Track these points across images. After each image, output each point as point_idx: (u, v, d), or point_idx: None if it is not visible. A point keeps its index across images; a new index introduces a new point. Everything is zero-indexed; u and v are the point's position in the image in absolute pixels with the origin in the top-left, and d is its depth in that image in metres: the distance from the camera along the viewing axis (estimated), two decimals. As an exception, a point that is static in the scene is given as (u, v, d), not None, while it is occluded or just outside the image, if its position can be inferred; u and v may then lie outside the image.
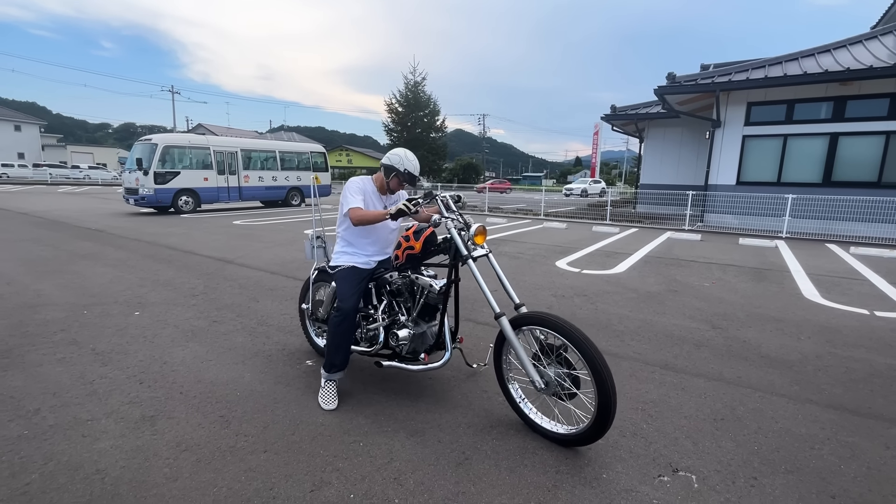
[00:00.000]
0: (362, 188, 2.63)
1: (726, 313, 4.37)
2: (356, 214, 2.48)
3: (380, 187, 2.72)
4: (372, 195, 2.68)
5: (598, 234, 10.29)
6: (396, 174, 2.62)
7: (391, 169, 2.62)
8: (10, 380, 2.75)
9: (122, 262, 6.20)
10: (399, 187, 2.72)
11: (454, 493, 1.85)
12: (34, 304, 4.24)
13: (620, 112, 15.90)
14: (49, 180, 33.34)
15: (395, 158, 2.64)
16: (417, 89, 19.57)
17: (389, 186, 2.69)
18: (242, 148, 15.14)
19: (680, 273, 6.16)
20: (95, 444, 2.12)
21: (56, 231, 9.07)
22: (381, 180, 2.71)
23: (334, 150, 55.34)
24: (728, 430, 2.35)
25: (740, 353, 3.39)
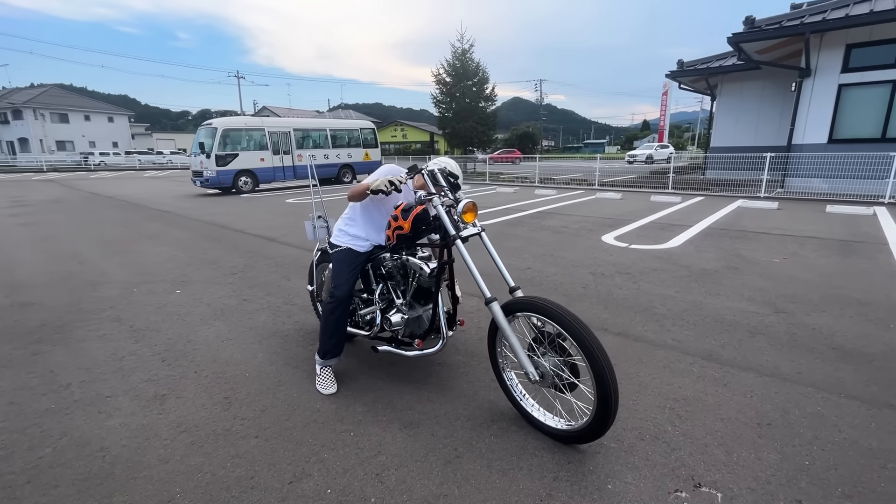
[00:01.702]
0: (388, 171, 2.36)
1: (796, 294, 3.78)
2: (352, 189, 2.33)
3: (417, 187, 2.41)
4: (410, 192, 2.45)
5: (656, 204, 9.44)
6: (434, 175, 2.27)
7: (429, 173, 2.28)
8: (56, 355, 2.98)
9: (178, 242, 6.62)
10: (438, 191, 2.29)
11: (435, 494, 1.70)
12: (95, 283, 4.61)
13: (689, 67, 14.29)
14: (137, 166, 36.86)
15: (442, 163, 2.37)
16: (465, 57, 18.84)
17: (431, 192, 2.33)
18: (295, 128, 15.58)
19: (746, 247, 5.45)
20: (107, 421, 2.22)
21: (132, 213, 9.93)
22: (421, 182, 2.34)
23: (389, 125, 55.70)
24: (774, 438, 1.98)
25: (806, 342, 2.90)
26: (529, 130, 52.49)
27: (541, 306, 1.89)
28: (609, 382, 1.71)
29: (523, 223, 7.53)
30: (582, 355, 1.77)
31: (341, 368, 2.66)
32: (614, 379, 1.74)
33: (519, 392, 2.16)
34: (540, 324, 1.95)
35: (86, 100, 51.95)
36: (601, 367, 1.72)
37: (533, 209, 9.15)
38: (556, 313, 1.82)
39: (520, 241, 6.14)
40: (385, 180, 2.18)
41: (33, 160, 35.82)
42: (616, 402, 1.76)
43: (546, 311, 1.86)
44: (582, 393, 1.90)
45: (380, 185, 2.16)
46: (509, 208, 9.32)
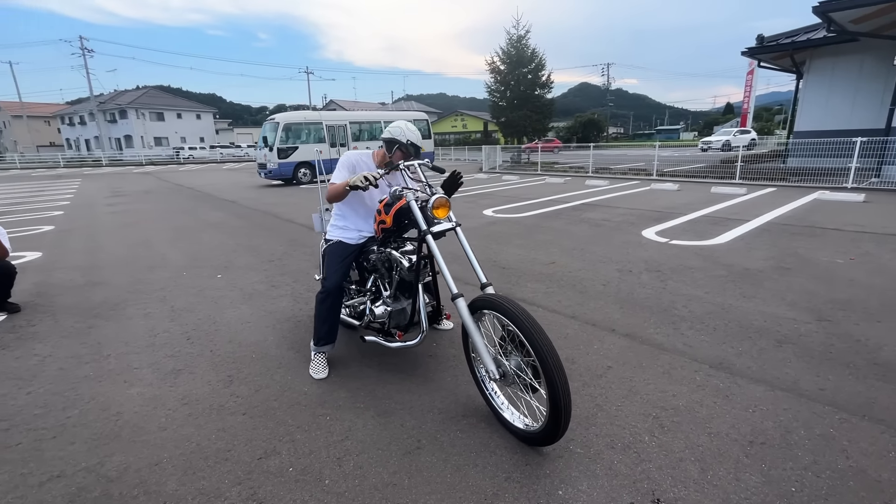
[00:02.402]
0: (353, 163, 2.52)
1: (851, 301, 3.34)
2: (329, 190, 2.41)
3: (379, 162, 2.58)
4: (366, 170, 2.55)
5: (715, 196, 8.68)
6: (399, 146, 2.46)
7: (393, 142, 2.46)
8: (107, 329, 3.40)
9: (233, 230, 7.20)
10: (401, 158, 2.49)
11: (385, 483, 1.76)
12: (155, 266, 5.16)
13: (770, 42, 12.81)
14: (219, 158, 40.27)
15: (397, 130, 2.47)
16: (521, 44, 18.33)
17: (392, 160, 2.51)
18: (351, 121, 16.16)
19: (807, 245, 4.88)
20: (128, 390, 2.51)
21: (202, 202, 10.92)
22: (381, 155, 2.57)
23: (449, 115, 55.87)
24: (764, 459, 1.80)
25: (843, 356, 2.57)
26: (594, 117, 50.10)
27: (498, 304, 1.85)
28: (559, 387, 1.66)
29: (562, 215, 7.28)
30: (535, 358, 1.73)
31: (336, 355, 2.79)
32: (565, 384, 1.68)
33: (490, 389, 2.14)
34: (508, 322, 1.92)
35: (178, 99, 57.46)
36: (552, 372, 1.66)
37: (577, 201, 8.80)
38: (512, 313, 1.78)
39: (552, 233, 5.96)
40: (361, 176, 2.23)
41: (135, 155, 40.40)
42: (567, 409, 1.70)
43: (503, 310, 1.83)
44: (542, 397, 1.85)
45: (356, 180, 2.22)
46: (552, 200, 9.04)
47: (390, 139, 2.48)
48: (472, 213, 7.87)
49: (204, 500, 1.70)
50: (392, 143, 2.48)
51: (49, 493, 1.76)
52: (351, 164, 2.54)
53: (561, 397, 1.66)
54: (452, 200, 2.34)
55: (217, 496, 1.72)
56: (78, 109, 52.53)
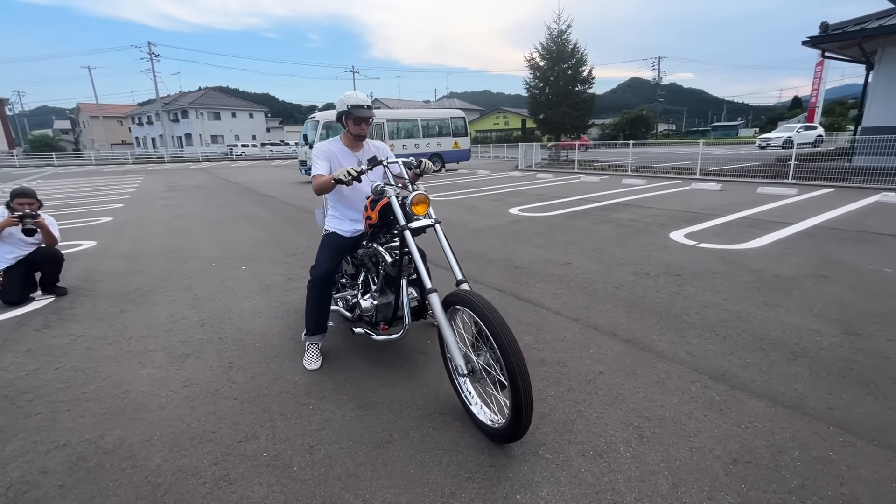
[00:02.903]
0: (326, 152, 2.60)
1: (890, 314, 3.03)
2: (315, 183, 2.48)
3: (348, 144, 2.66)
4: (340, 155, 2.62)
5: (761, 196, 8.10)
6: (345, 115, 2.52)
7: (340, 114, 2.54)
8: (135, 314, 3.67)
9: (266, 224, 7.54)
10: (360, 130, 2.56)
11: (349, 473, 1.80)
12: (189, 256, 5.51)
13: (836, 31, 11.74)
14: (268, 155, 42.15)
15: (338, 102, 2.54)
16: (561, 39, 17.87)
17: (352, 134, 2.59)
18: (389, 118, 16.42)
19: (854, 252, 4.46)
20: (140, 371, 2.71)
21: (244, 197, 11.49)
22: (347, 137, 2.64)
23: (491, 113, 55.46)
24: (745, 479, 1.68)
25: (864, 374, 2.34)
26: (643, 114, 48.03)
27: (467, 300, 1.85)
28: (520, 387, 1.64)
29: (590, 215, 7.06)
30: (499, 357, 1.71)
31: (331, 348, 2.87)
32: (527, 384, 1.66)
33: (461, 383, 2.13)
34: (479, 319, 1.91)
35: (233, 99, 60.70)
36: (514, 370, 1.65)
37: (609, 200, 8.50)
38: (479, 308, 1.77)
39: (575, 233, 5.80)
40: (344, 170, 2.28)
41: (193, 152, 43.13)
42: (529, 407, 1.68)
43: (471, 306, 1.82)
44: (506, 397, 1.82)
45: (340, 174, 2.27)
46: (584, 199, 8.79)
47: (338, 113, 2.55)
48: (498, 211, 7.80)
49: (181, 477, 1.81)
50: (340, 116, 2.55)
51: (52, 459, 1.94)
52: (325, 154, 2.60)
53: (522, 395, 1.64)
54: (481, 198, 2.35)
55: (194, 474, 1.82)
56: (146, 110, 56.77)
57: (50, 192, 14.63)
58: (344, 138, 2.68)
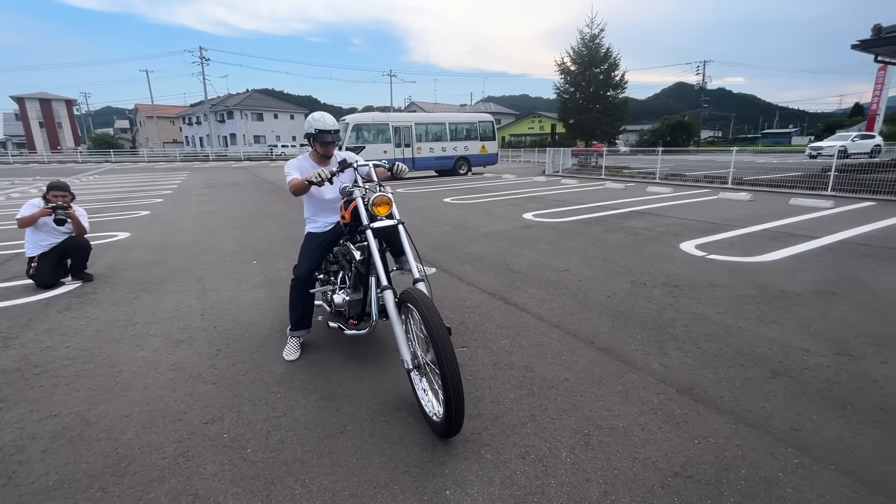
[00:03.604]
0: (297, 166, 2.76)
1: (892, 336, 2.84)
2: (292, 184, 2.60)
3: (317, 160, 2.81)
4: (308, 169, 2.76)
5: (792, 208, 7.68)
6: (313, 137, 2.68)
7: (307, 136, 2.70)
8: (146, 301, 3.94)
9: (287, 221, 7.84)
10: (327, 150, 2.75)
11: (296, 459, 1.89)
12: (209, 250, 5.82)
13: (889, 34, 10.97)
14: (306, 156, 43.57)
15: (307, 125, 2.68)
16: (593, 43, 17.54)
17: (319, 153, 2.77)
18: (416, 122, 16.65)
19: (875, 270, 4.19)
20: (137, 353, 2.92)
21: (273, 195, 11.97)
22: (315, 154, 2.81)
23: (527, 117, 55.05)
24: (681, 492, 1.65)
25: (844, 397, 2.22)
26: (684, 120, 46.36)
27: (412, 298, 1.91)
28: (451, 386, 1.69)
29: (603, 222, 6.93)
30: (434, 355, 1.76)
31: (313, 341, 2.99)
32: (458, 384, 1.71)
33: (414, 376, 2.18)
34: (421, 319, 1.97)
35: (275, 101, 63.11)
36: (445, 370, 1.70)
37: (627, 208, 8.30)
38: (420, 307, 1.83)
39: (583, 240, 5.72)
40: (316, 172, 2.40)
41: (236, 151, 45.19)
42: (459, 406, 1.73)
43: (415, 304, 1.88)
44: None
45: (312, 176, 2.39)
46: (602, 206, 8.61)
47: (306, 135, 2.75)
48: (512, 216, 7.78)
49: (147, 451, 1.96)
50: (308, 138, 2.74)
51: (42, 427, 2.14)
52: (297, 168, 2.78)
53: (452, 394, 1.69)
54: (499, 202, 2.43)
55: (158, 449, 1.97)
56: (196, 111, 59.96)
57: (103, 187, 15.75)
58: (313, 155, 2.85)
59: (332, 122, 2.70)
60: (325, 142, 2.72)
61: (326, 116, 2.70)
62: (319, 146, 2.75)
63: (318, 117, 2.69)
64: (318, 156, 2.84)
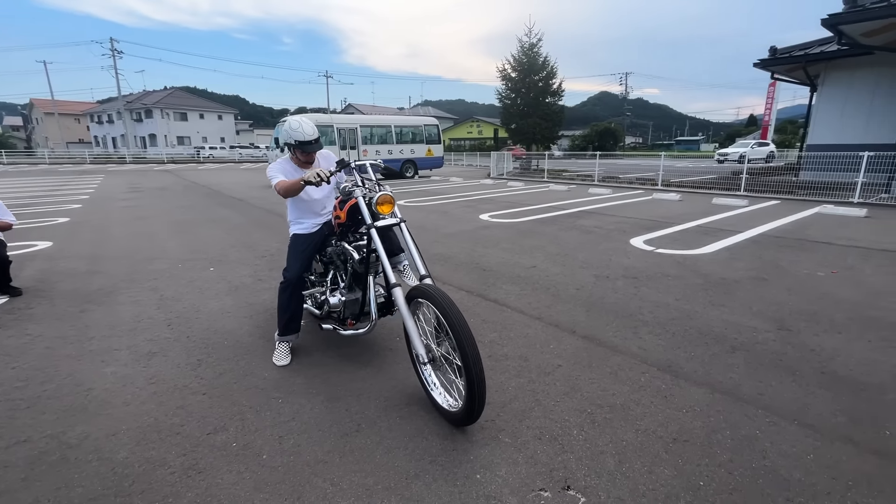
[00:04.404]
0: (280, 168, 2.70)
1: (817, 312, 3.34)
2: (280, 186, 2.55)
3: (298, 164, 2.76)
4: (292, 172, 2.71)
5: (715, 207, 8.62)
6: (293, 148, 2.64)
7: (288, 146, 2.65)
8: (96, 313, 3.60)
9: (234, 226, 7.44)
10: (308, 158, 2.71)
11: (317, 460, 1.87)
12: (153, 258, 5.39)
13: (783, 55, 12.66)
14: (237, 158, 41.15)
15: (284, 135, 2.63)
16: (532, 52, 18.42)
17: (300, 160, 2.72)
18: (362, 124, 16.44)
19: (791, 258, 4.85)
20: (104, 369, 2.68)
21: (211, 200, 11.25)
22: (296, 159, 2.75)
23: (465, 122, 56.15)
24: (682, 455, 1.86)
25: (792, 364, 2.59)
26: (611, 127, 49.80)
27: (427, 293, 1.97)
28: (474, 372, 1.77)
29: (556, 222, 7.33)
30: (455, 346, 1.84)
31: (301, 345, 2.92)
32: (480, 370, 1.80)
33: (423, 371, 2.24)
34: (439, 312, 2.03)
35: (201, 100, 59.06)
36: (467, 357, 1.78)
37: (576, 208, 8.83)
38: (437, 300, 1.90)
39: (542, 239, 6.02)
40: (314, 172, 2.37)
41: (158, 153, 41.63)
42: (481, 392, 1.82)
43: (431, 298, 1.94)
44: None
45: (310, 176, 2.36)
46: (551, 206, 9.09)
47: (285, 143, 2.68)
48: (469, 217, 7.98)
49: (149, 468, 1.83)
50: (287, 147, 2.68)
51: (13, 454, 1.92)
52: (280, 170, 2.69)
53: (475, 380, 1.77)
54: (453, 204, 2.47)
55: (161, 465, 1.85)
56: (106, 108, 54.47)
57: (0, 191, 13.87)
58: (294, 159, 2.77)
59: (313, 132, 2.61)
60: (307, 151, 2.67)
61: (305, 125, 2.59)
62: (301, 154, 2.69)
63: (296, 127, 2.58)
64: (299, 161, 2.78)
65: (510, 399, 2.29)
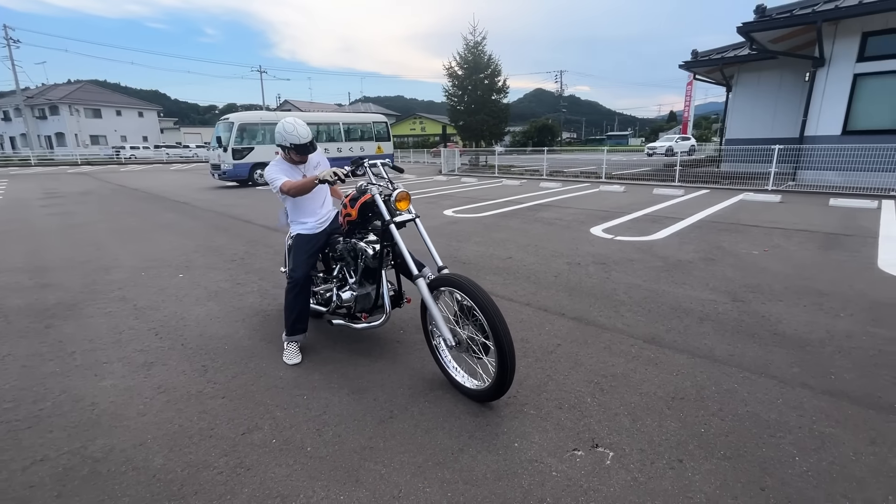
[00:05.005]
0: (282, 169, 2.73)
1: (760, 285, 3.87)
2: (289, 186, 2.58)
3: (291, 162, 2.81)
4: (290, 170, 2.76)
5: (657, 197, 9.43)
6: (287, 150, 2.69)
7: (282, 147, 2.70)
8: (66, 328, 3.36)
9: (189, 231, 7.06)
10: (303, 159, 2.77)
11: (363, 446, 1.97)
12: (109, 267, 5.04)
13: (703, 57, 14.00)
14: (165, 159, 38.18)
15: (279, 137, 2.66)
16: (477, 50, 18.85)
17: (295, 161, 2.77)
18: (309, 121, 15.96)
19: (729, 240, 5.50)
20: (100, 383, 2.56)
21: (152, 204, 10.50)
22: (290, 158, 2.79)
23: (407, 118, 55.96)
24: (681, 409, 2.17)
25: (750, 328, 3.03)
26: (549, 123, 51.85)
27: (456, 281, 2.12)
28: (507, 350, 1.96)
29: (518, 215, 7.69)
30: (487, 327, 2.01)
31: (307, 343, 2.94)
32: (511, 347, 1.99)
33: (445, 358, 2.40)
34: (460, 298, 2.19)
35: (118, 95, 54.05)
36: (500, 336, 1.96)
37: (532, 202, 9.28)
38: (469, 288, 2.06)
39: (509, 232, 6.32)
40: (330, 171, 2.43)
41: (69, 154, 37.58)
42: (512, 367, 2.01)
43: (459, 286, 2.10)
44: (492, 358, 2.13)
45: (326, 175, 2.42)
46: (509, 201, 9.47)
47: (279, 145, 2.72)
48: (434, 212, 8.13)
49: (193, 471, 1.84)
50: (282, 148, 2.72)
51: (35, 475, 1.83)
52: (282, 171, 2.74)
53: (508, 359, 1.96)
54: (413, 201, 2.59)
55: (205, 467, 1.86)
56: (2, 104, 48.20)
57: None
58: (288, 159, 2.80)
59: (307, 134, 2.68)
60: (303, 154, 2.73)
61: (300, 128, 2.65)
62: (296, 154, 2.73)
63: (290, 130, 2.63)
64: (293, 161, 2.81)
65: (524, 377, 2.49)
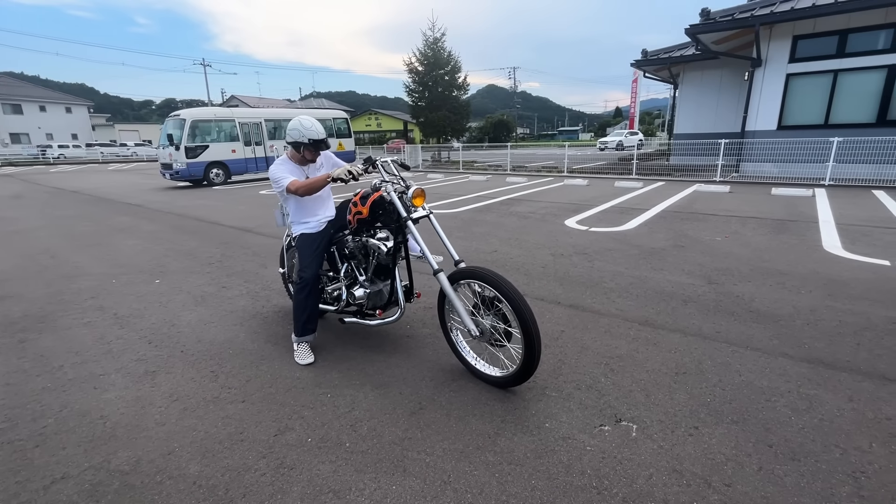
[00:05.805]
0: (288, 169, 2.74)
1: (729, 268, 4.23)
2: (297, 185, 2.57)
3: (298, 161, 2.82)
4: (295, 171, 2.76)
5: (619, 189, 9.93)
6: (304, 146, 2.70)
7: (298, 144, 2.70)
8: (43, 341, 3.14)
9: (152, 235, 6.68)
10: (314, 156, 2.80)
11: (401, 438, 2.01)
12: (71, 275, 4.70)
13: (652, 56, 14.80)
14: (101, 158, 35.44)
15: (296, 133, 2.68)
16: (437, 46, 18.89)
17: (306, 158, 2.78)
18: (266, 118, 15.42)
19: (693, 228, 5.93)
20: (103, 395, 2.43)
21: (99, 207, 9.79)
22: (295, 156, 2.80)
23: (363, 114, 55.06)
24: (686, 383, 2.37)
25: (728, 308, 3.32)
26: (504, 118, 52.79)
27: (480, 274, 2.21)
28: (534, 335, 2.08)
29: (493, 210, 7.86)
30: (514, 317, 2.11)
31: (317, 342, 2.93)
32: (538, 333, 2.11)
33: (465, 349, 2.49)
34: (480, 289, 2.28)
35: (40, 89, 49.42)
36: (528, 323, 2.07)
37: (503, 196, 9.50)
38: (493, 279, 2.15)
39: (488, 226, 6.47)
40: (344, 169, 2.44)
41: (-14, 154, 34.02)
42: (539, 351, 2.13)
43: (485, 278, 2.19)
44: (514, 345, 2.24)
45: (340, 173, 2.42)
46: (480, 196, 9.64)
47: (294, 142, 2.72)
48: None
49: (234, 475, 1.82)
50: (297, 145, 2.72)
51: (60, 493, 1.74)
52: (287, 170, 2.74)
53: (535, 343, 2.08)
54: None
55: (246, 469, 1.84)
56: None
57: None
58: (293, 158, 2.80)
59: (323, 130, 2.73)
60: (319, 150, 2.74)
61: (317, 125, 2.68)
62: (310, 152, 2.74)
63: (309, 126, 2.65)
64: (298, 158, 2.80)
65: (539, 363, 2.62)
